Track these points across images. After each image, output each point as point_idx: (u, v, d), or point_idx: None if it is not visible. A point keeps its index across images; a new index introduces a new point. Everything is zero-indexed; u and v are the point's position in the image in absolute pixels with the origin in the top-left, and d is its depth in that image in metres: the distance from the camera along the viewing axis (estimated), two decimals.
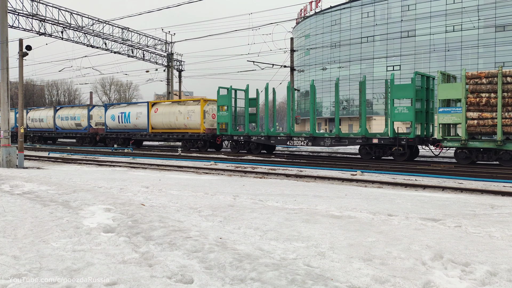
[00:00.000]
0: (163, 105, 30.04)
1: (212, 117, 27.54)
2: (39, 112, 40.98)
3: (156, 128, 29.99)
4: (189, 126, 27.71)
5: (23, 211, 6.70)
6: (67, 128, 37.45)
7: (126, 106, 33.16)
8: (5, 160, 17.36)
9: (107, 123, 33.41)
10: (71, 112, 36.97)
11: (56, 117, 38.01)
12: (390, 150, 19.08)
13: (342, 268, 4.09)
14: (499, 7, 48.49)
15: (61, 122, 37.74)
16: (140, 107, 31.41)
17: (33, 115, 41.39)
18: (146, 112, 30.38)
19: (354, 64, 61.13)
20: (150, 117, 30.00)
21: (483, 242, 5.09)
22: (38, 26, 31.46)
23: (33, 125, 41.42)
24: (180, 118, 28.04)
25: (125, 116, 31.87)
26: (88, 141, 35.42)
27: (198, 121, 27.17)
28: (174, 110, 28.58)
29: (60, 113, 37.89)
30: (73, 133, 36.81)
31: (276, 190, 9.90)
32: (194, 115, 27.39)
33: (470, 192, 10.91)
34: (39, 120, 40.53)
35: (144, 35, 39.45)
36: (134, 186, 10.21)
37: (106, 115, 33.39)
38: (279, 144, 23.49)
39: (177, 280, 3.81)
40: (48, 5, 31.27)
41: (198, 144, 27.34)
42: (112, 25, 36.10)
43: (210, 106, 27.70)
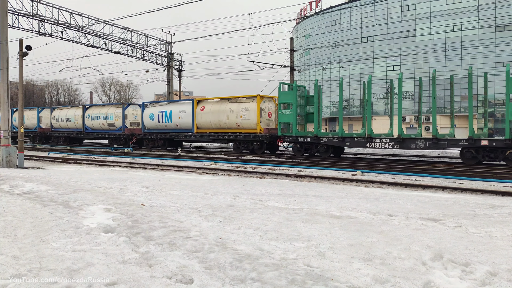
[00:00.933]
0: (210, 103, 27.32)
1: (268, 116, 24.95)
2: (66, 111, 37.98)
3: (202, 128, 27.41)
4: (242, 126, 25.15)
5: (23, 211, 6.70)
6: (98, 128, 34.89)
7: (166, 104, 30.42)
8: (5, 160, 17.36)
9: (145, 123, 30.78)
10: (103, 111, 34.34)
11: (85, 116, 35.41)
12: (503, 153, 16.85)
13: (342, 268, 4.08)
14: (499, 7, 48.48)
15: (91, 122, 35.08)
16: (183, 105, 28.79)
17: (59, 114, 38.43)
18: (191, 110, 27.63)
19: (354, 64, 61.11)
20: (196, 116, 27.27)
21: (483, 242, 5.09)
22: (38, 26, 31.48)
23: (59, 125, 38.47)
24: (232, 117, 25.42)
25: (166, 115, 29.14)
26: (123, 142, 32.91)
27: (254, 120, 24.48)
28: (224, 108, 25.93)
29: (90, 112, 35.27)
30: (105, 133, 34.09)
31: (276, 190, 9.90)
32: (249, 113, 24.63)
33: (470, 192, 10.90)
34: (65, 120, 37.58)
35: (144, 35, 39.45)
36: (134, 186, 10.21)
37: (144, 114, 30.82)
38: (355, 146, 20.78)
39: (177, 280, 3.80)
40: (48, 5, 31.27)
41: (253, 146, 24.66)
42: (112, 25, 36.11)
43: (266, 103, 25.11)
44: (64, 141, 37.80)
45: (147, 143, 31.04)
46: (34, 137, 40.51)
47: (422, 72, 55.07)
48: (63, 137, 38.04)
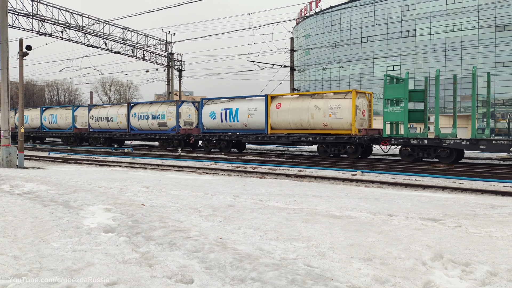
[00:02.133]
0: (288, 99, 23.47)
1: (362, 114, 21.45)
2: (107, 110, 34.18)
3: (278, 128, 23.57)
4: (331, 126, 21.52)
5: (23, 211, 6.70)
6: (146, 128, 31.20)
7: (230, 101, 26.33)
8: (5, 160, 17.36)
9: (204, 122, 27.08)
10: (153, 109, 30.65)
11: (131, 115, 31.82)
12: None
13: (342, 268, 4.09)
14: (499, 7, 48.48)
15: (137, 122, 31.40)
16: (253, 102, 24.79)
17: (99, 113, 34.55)
18: (264, 108, 23.95)
19: (354, 64, 61.13)
20: (270, 114, 23.59)
21: (483, 242, 5.09)
22: (38, 26, 31.49)
23: (98, 125, 34.65)
24: (318, 116, 21.77)
25: (231, 113, 25.41)
26: (177, 144, 29.22)
27: (347, 119, 20.82)
28: (307, 105, 22.17)
29: (137, 110, 31.58)
30: (155, 134, 30.41)
31: (276, 190, 9.90)
32: (340, 111, 21.03)
33: (470, 192, 10.91)
34: (106, 119, 33.81)
35: (144, 35, 39.47)
36: (134, 186, 10.21)
37: (203, 112, 27.13)
38: (493, 150, 17.48)
39: (177, 280, 3.81)
40: (48, 5, 31.28)
41: (347, 149, 20.92)
42: (112, 25, 36.13)
43: (360, 100, 21.41)
44: (104, 142, 33.85)
45: (206, 145, 27.24)
46: (68, 138, 36.92)
47: (422, 72, 55.08)
48: (103, 138, 33.97)
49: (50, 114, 38.77)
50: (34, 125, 40.75)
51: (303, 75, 69.76)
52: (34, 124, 40.78)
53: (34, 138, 42.49)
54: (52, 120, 38.52)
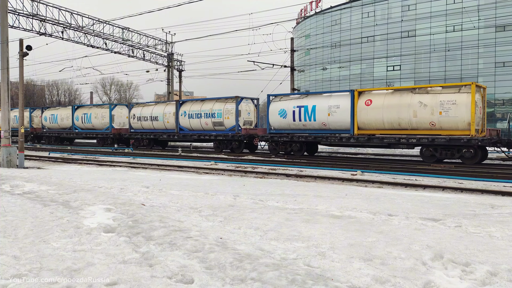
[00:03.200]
0: (381, 95, 20.20)
1: (479, 112, 18.17)
2: (151, 108, 30.91)
3: (367, 128, 20.25)
4: (440, 125, 18.21)
5: (23, 211, 6.71)
6: (197, 128, 27.95)
7: (303, 97, 23.00)
8: (5, 160, 17.37)
9: (272, 122, 23.61)
10: (206, 107, 27.32)
11: (180, 114, 28.67)
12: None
13: (343, 268, 4.09)
14: (499, 7, 48.46)
15: (188, 121, 28.18)
16: (335, 98, 21.53)
17: (141, 112, 31.25)
18: (349, 104, 20.62)
19: (354, 64, 61.11)
20: (358, 112, 20.29)
21: (483, 242, 5.09)
22: (38, 26, 31.51)
23: (140, 125, 31.41)
24: (424, 114, 18.49)
25: (306, 111, 22.09)
26: (236, 146, 25.61)
27: (464, 117, 17.47)
28: (408, 102, 18.94)
29: (187, 108, 28.32)
30: (209, 135, 26.92)
31: (277, 190, 9.90)
32: (455, 108, 17.70)
33: (470, 192, 10.91)
34: (150, 119, 30.61)
35: (144, 35, 39.48)
36: (135, 186, 10.21)
37: (270, 109, 23.60)
38: None
39: (177, 280, 3.81)
40: (48, 5, 31.29)
41: (463, 153, 17.67)
42: (112, 25, 36.14)
43: (477, 95, 18.09)
44: (148, 144, 30.87)
45: (274, 147, 23.66)
46: (105, 139, 33.96)
47: (422, 72, 55.09)
48: (146, 140, 30.96)
49: (83, 114, 35.59)
50: (65, 125, 37.65)
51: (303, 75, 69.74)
52: (64, 124, 37.62)
53: (64, 139, 39.37)
54: (85, 119, 35.43)
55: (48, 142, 39.14)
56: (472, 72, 51.19)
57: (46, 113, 40.08)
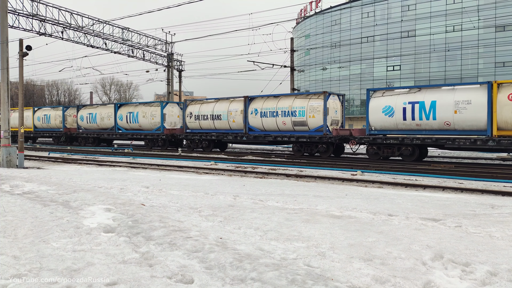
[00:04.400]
0: None
1: None
2: (212, 106, 27.05)
3: (510, 128, 16.75)
4: None
5: (23, 211, 6.70)
6: (272, 129, 24.02)
7: (416, 91, 19.37)
8: (5, 160, 17.36)
9: (373, 121, 20.22)
10: (283, 104, 23.28)
11: (249, 112, 24.77)
12: None
13: (343, 268, 4.08)
14: (499, 7, 48.49)
15: (259, 120, 24.19)
16: (463, 92, 17.94)
17: (200, 110, 27.47)
18: (485, 99, 17.06)
19: (354, 64, 61.15)
20: (499, 109, 16.78)
21: (483, 242, 5.09)
22: (38, 26, 31.49)
23: (198, 124, 27.59)
24: None
25: (423, 108, 18.67)
26: (323, 149, 21.87)
27: None
28: None
29: (258, 106, 24.42)
30: (287, 136, 22.97)
31: (277, 190, 9.90)
32: None
33: (470, 192, 10.91)
34: (211, 117, 26.81)
35: (144, 35, 39.47)
36: (134, 186, 10.21)
37: (371, 106, 20.32)
38: None
39: (177, 280, 3.80)
40: (48, 5, 31.29)
41: None
42: (112, 25, 36.13)
43: None
44: (208, 146, 27.30)
45: (376, 151, 20.18)
46: (155, 140, 30.43)
47: (422, 72, 55.10)
48: (206, 141, 27.35)
49: (128, 112, 32.01)
50: (106, 125, 33.81)
51: (303, 75, 69.77)
52: (105, 124, 33.81)
53: (104, 140, 35.92)
54: (131, 119, 31.64)
55: (84, 143, 35.41)
56: (472, 72, 51.24)
57: (83, 112, 35.92)
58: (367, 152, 20.85)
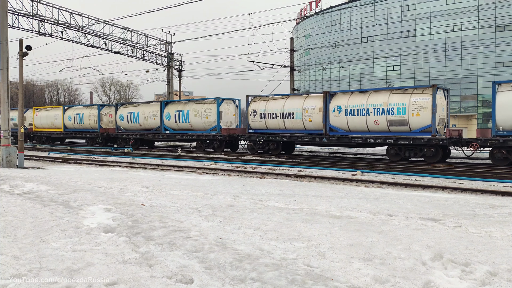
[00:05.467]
0: None
1: None
2: (280, 103, 23.41)
3: None
4: None
5: (23, 211, 6.70)
6: (360, 129, 20.52)
7: None
8: (5, 160, 17.36)
9: (502, 120, 17.19)
10: (376, 100, 19.82)
11: (330, 109, 21.09)
12: None
13: (342, 268, 4.09)
14: (499, 7, 48.47)
15: (344, 119, 20.73)
16: None
17: (266, 107, 23.87)
18: None
19: (354, 64, 61.13)
20: None
21: (483, 242, 5.09)
22: (38, 26, 31.51)
23: (264, 124, 23.97)
24: None
25: None
26: (431, 154, 18.61)
27: None
28: None
29: (342, 102, 20.85)
30: (387, 138, 19.49)
31: (276, 190, 9.90)
32: None
33: (470, 192, 10.91)
34: (281, 116, 23.12)
35: (144, 35, 39.48)
36: (134, 186, 10.21)
37: (498, 103, 17.23)
38: None
39: (177, 280, 3.81)
40: (48, 5, 31.29)
41: None
42: (112, 25, 36.14)
43: None
44: (276, 148, 23.64)
45: (503, 155, 17.24)
46: (210, 142, 27.27)
47: (422, 72, 55.08)
48: (274, 143, 23.66)
49: (177, 111, 28.76)
50: (150, 125, 30.78)
51: (303, 75, 69.75)
52: (149, 123, 30.76)
53: (148, 141, 32.69)
54: (181, 118, 28.53)
55: (124, 145, 32.38)
56: (472, 72, 51.22)
57: (122, 110, 32.81)
58: (492, 157, 17.83)
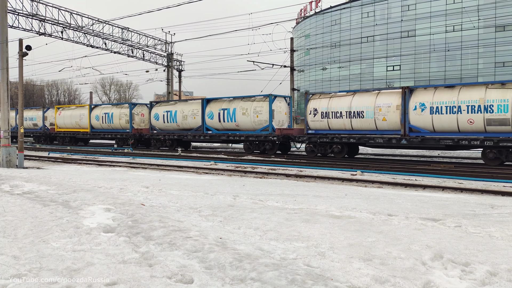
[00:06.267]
0: None
1: None
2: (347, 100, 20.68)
3: None
4: None
5: (23, 211, 6.70)
6: (448, 129, 18.02)
7: None
8: (5, 160, 17.36)
9: None
10: (469, 96, 17.41)
11: (411, 107, 18.72)
12: None
13: (342, 268, 4.09)
14: (499, 7, 48.48)
15: (428, 118, 18.32)
16: None
17: (330, 106, 21.12)
18: None
19: (354, 64, 61.14)
20: None
21: (483, 242, 5.09)
22: (38, 26, 31.49)
23: (326, 124, 21.29)
24: None
25: None
26: None
27: None
28: None
29: (425, 99, 18.43)
30: (485, 139, 16.92)
31: (276, 190, 9.90)
32: None
33: (470, 192, 10.91)
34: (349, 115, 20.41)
35: (144, 35, 39.47)
36: (134, 186, 10.21)
37: None
38: None
39: (177, 280, 3.81)
40: (48, 5, 31.28)
41: None
42: (112, 25, 36.13)
43: None
44: (340, 151, 20.98)
45: None
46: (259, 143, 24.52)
47: (422, 72, 55.08)
48: (339, 145, 20.93)
49: (221, 109, 25.99)
50: (189, 124, 27.95)
51: (303, 75, 69.77)
52: (188, 123, 27.93)
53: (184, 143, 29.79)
54: (226, 117, 25.73)
55: (159, 146, 30.02)
56: (472, 72, 51.24)
57: (157, 109, 30.13)
58: None
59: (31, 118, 41.52)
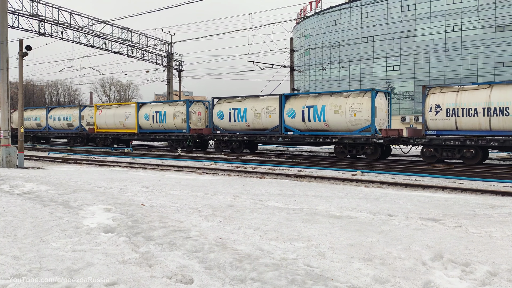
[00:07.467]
0: None
1: None
2: (483, 94, 16.94)
3: None
4: None
5: (23, 211, 6.70)
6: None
7: None
8: (5, 160, 17.36)
9: None
10: None
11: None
12: None
13: (342, 268, 4.08)
14: (499, 7, 48.47)
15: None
16: None
17: (460, 101, 17.42)
18: None
19: (354, 64, 61.11)
20: None
21: (483, 242, 5.09)
22: (38, 26, 31.49)
23: (454, 123, 17.58)
24: None
25: None
26: None
27: None
28: None
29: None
30: None
31: (276, 190, 9.90)
32: None
33: (470, 192, 10.90)
34: (487, 112, 16.59)
35: (144, 35, 39.47)
36: (134, 186, 10.20)
37: None
38: None
39: (177, 280, 3.80)
40: (48, 5, 31.28)
41: None
42: (112, 25, 36.13)
43: None
44: (474, 156, 17.48)
45: None
46: (358, 146, 20.52)
47: (422, 72, 55.06)
48: (472, 149, 17.37)
49: (305, 106, 21.95)
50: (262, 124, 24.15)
51: (303, 75, 69.74)
52: (261, 123, 24.16)
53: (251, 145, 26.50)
54: (311, 116, 21.78)
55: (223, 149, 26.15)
56: (471, 72, 51.22)
57: (221, 107, 25.96)
58: None
59: (65, 117, 37.35)
